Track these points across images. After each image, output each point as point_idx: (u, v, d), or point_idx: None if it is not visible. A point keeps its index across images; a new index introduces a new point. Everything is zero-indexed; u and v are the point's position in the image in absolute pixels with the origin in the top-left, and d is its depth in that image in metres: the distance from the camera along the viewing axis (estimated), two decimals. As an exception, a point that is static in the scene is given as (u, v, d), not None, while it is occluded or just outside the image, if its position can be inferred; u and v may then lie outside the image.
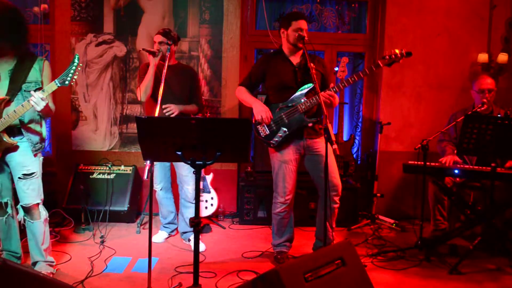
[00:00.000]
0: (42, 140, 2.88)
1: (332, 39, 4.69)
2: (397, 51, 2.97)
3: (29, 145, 2.79)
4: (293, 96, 3.13)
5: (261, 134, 3.20)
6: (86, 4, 4.44)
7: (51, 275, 2.91)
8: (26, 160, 2.78)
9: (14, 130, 2.76)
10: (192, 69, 3.83)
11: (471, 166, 3.54)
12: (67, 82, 2.63)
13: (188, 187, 3.60)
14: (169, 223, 3.83)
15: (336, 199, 3.20)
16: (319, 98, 2.88)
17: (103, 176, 4.27)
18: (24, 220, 2.87)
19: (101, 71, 4.49)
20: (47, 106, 2.66)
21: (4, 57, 2.74)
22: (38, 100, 2.60)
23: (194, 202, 3.55)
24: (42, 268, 2.91)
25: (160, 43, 3.44)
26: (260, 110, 3.13)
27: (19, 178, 2.78)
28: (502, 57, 4.32)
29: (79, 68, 2.66)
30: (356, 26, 4.85)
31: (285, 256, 3.34)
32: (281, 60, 3.22)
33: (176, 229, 3.88)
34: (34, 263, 2.92)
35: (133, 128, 4.53)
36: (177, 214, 3.84)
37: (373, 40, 4.70)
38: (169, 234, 3.84)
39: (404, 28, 4.51)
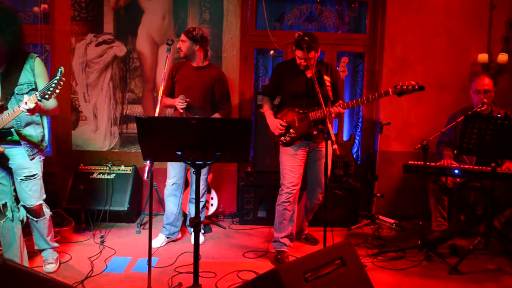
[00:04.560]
0: (41, 141, 2.84)
1: (332, 39, 4.69)
2: (413, 82, 3.08)
3: (25, 151, 2.76)
4: (308, 103, 3.32)
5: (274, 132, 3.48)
6: (86, 4, 4.44)
7: (57, 261, 3.12)
8: (26, 163, 2.77)
9: (6, 135, 2.71)
10: (217, 71, 3.71)
11: (471, 166, 3.54)
12: (47, 96, 2.46)
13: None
14: (169, 224, 3.72)
15: (320, 197, 3.52)
16: (326, 115, 3.03)
17: (103, 176, 4.27)
18: (28, 218, 2.90)
19: (101, 71, 4.49)
20: (39, 110, 2.56)
21: None
22: (24, 110, 2.48)
23: (202, 200, 3.60)
24: (49, 255, 3.08)
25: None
26: (273, 126, 3.41)
27: (21, 180, 2.78)
28: (502, 57, 4.32)
29: (61, 83, 2.48)
30: (356, 26, 4.86)
31: (285, 256, 3.35)
32: (294, 71, 3.39)
33: (177, 232, 3.78)
34: (41, 250, 3.08)
35: (133, 128, 4.53)
36: (179, 218, 3.77)
37: (373, 40, 4.70)
38: (167, 237, 3.71)
39: (404, 28, 4.51)
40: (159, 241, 3.67)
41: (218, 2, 4.44)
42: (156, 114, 2.89)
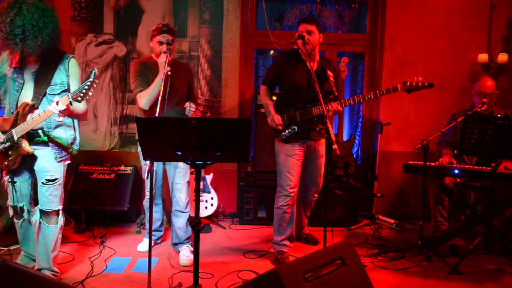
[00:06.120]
0: (72, 144, 2.76)
1: (332, 39, 4.68)
2: (421, 79, 3.11)
3: (53, 153, 2.68)
4: (311, 98, 3.25)
5: None
6: (86, 4, 4.44)
7: None
8: (49, 165, 2.68)
9: (35, 136, 2.63)
10: (188, 66, 3.90)
11: (471, 166, 3.54)
12: (79, 99, 2.39)
13: (180, 195, 3.42)
14: (155, 230, 3.60)
15: (315, 194, 3.58)
16: (325, 111, 2.99)
17: (103, 176, 4.27)
18: (40, 222, 2.74)
19: (101, 71, 4.49)
20: (69, 113, 2.50)
21: (31, 59, 2.59)
22: (55, 110, 2.41)
23: (186, 211, 3.45)
24: None
25: (169, 42, 3.12)
26: (270, 119, 3.31)
27: (42, 183, 2.69)
28: (502, 57, 4.32)
29: (94, 85, 2.40)
30: (356, 26, 4.86)
31: (285, 256, 3.35)
32: (298, 62, 3.31)
33: (162, 236, 3.73)
34: (38, 270, 2.79)
35: (133, 128, 4.53)
36: (163, 222, 3.72)
37: (373, 40, 4.70)
38: (154, 242, 3.61)
39: (404, 28, 4.51)
40: (145, 245, 3.56)
41: (218, 2, 4.44)
42: (157, 114, 2.88)
